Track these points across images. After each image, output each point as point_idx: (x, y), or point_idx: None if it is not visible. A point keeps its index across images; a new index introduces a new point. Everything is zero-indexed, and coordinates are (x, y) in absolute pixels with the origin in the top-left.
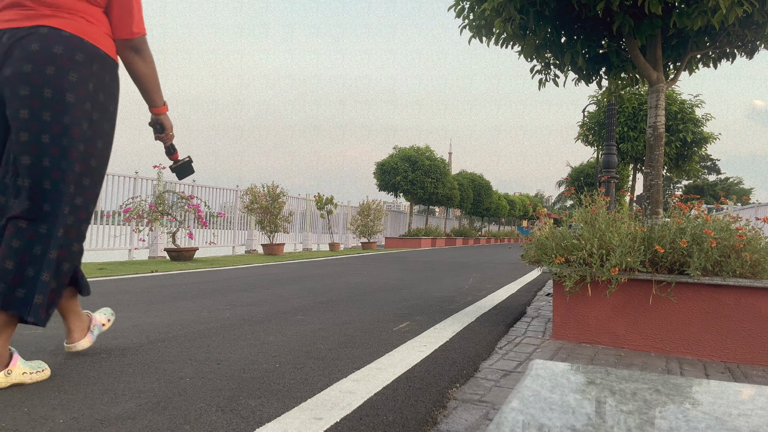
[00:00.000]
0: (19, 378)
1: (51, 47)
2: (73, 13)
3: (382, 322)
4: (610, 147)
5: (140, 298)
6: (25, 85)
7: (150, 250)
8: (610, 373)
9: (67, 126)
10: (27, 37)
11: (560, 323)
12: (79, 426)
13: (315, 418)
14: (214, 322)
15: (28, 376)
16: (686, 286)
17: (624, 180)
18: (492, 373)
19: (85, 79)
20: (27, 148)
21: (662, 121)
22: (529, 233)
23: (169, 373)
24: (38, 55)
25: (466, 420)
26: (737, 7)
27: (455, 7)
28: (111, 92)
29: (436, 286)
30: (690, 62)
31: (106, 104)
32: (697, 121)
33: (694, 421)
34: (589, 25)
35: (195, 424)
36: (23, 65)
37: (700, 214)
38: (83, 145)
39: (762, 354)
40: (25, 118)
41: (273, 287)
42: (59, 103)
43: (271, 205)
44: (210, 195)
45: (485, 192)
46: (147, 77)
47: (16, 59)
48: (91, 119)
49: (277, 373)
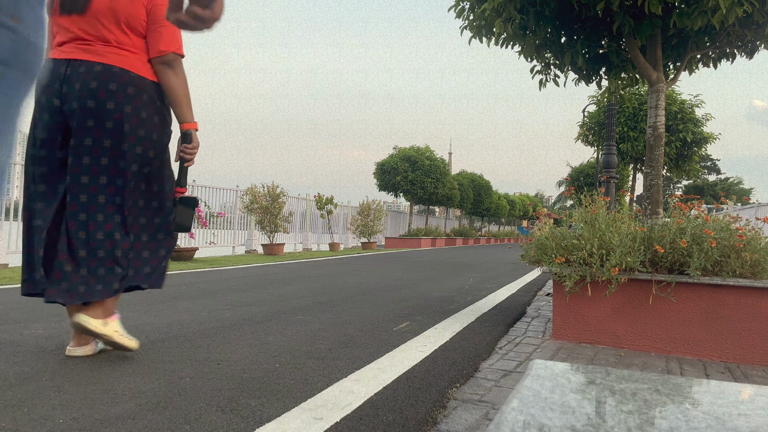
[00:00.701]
0: (111, 332)
1: (107, 84)
2: (122, 47)
3: (382, 322)
4: (610, 147)
5: (140, 298)
6: (90, 118)
7: None
8: (610, 373)
9: (124, 152)
10: (86, 74)
11: (560, 323)
12: (79, 426)
13: (315, 418)
14: (214, 322)
15: (118, 335)
16: (686, 286)
17: (624, 180)
18: (492, 373)
19: (138, 108)
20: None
21: (662, 121)
22: (529, 233)
23: (169, 373)
24: (98, 92)
25: (466, 420)
26: (737, 7)
27: (455, 7)
28: (162, 113)
29: (436, 286)
30: (690, 62)
31: (162, 125)
32: (697, 121)
33: (694, 421)
34: (589, 25)
35: (195, 424)
36: (87, 101)
37: (700, 214)
38: (136, 166)
39: (762, 354)
40: (88, 144)
41: (273, 287)
42: (118, 132)
43: (271, 205)
44: (210, 195)
45: (485, 192)
46: (177, 91)
47: (82, 95)
48: (150, 140)
49: (277, 373)
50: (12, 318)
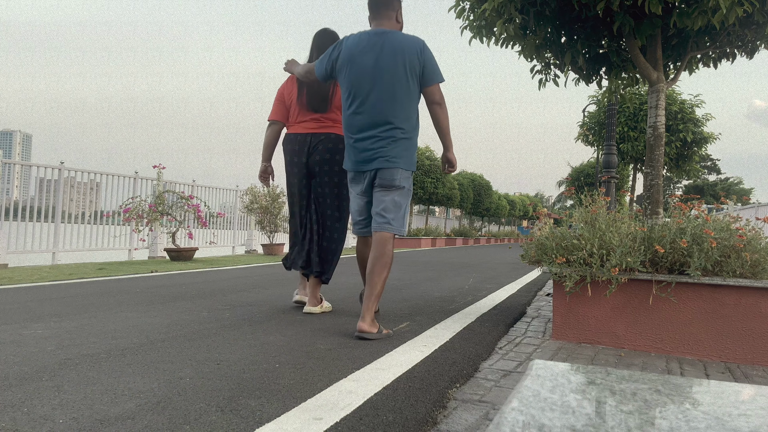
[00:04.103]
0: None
1: (339, 144)
2: (336, 122)
3: (382, 322)
4: (610, 147)
5: (140, 298)
6: (329, 164)
7: (150, 250)
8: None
9: (344, 184)
10: (324, 140)
11: (560, 323)
12: (79, 426)
13: (315, 419)
14: (214, 322)
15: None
16: (686, 286)
17: (624, 180)
18: (492, 373)
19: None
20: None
21: (662, 121)
22: (529, 233)
23: (169, 373)
24: (332, 150)
25: (466, 420)
26: (737, 7)
27: (455, 7)
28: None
29: (436, 286)
30: (690, 62)
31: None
32: (697, 121)
33: (694, 421)
34: (589, 25)
35: (195, 424)
36: (325, 155)
37: (700, 214)
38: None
39: (762, 354)
40: (324, 180)
41: (273, 287)
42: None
43: (271, 205)
44: (210, 195)
45: (485, 192)
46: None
47: (321, 151)
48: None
49: (277, 373)
50: (12, 318)
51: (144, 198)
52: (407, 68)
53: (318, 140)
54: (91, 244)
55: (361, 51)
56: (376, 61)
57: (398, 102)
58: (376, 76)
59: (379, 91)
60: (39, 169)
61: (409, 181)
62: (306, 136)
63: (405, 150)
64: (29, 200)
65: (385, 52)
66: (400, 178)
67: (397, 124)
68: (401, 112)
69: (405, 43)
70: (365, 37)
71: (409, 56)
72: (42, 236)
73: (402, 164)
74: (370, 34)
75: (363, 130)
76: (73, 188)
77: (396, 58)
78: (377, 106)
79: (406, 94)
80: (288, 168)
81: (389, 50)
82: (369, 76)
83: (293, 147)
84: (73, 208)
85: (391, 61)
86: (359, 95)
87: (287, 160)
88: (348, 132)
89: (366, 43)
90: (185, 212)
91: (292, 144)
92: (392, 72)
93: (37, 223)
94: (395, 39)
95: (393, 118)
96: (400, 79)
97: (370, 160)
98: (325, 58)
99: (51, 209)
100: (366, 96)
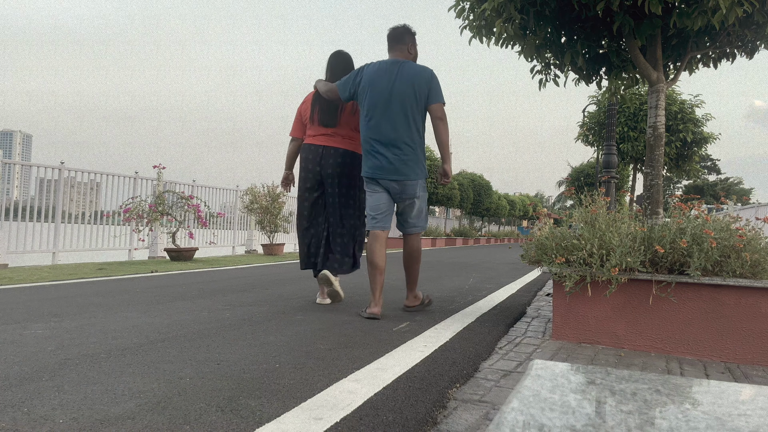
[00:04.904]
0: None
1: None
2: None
3: (382, 322)
4: (610, 147)
5: (140, 298)
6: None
7: (150, 250)
8: (610, 373)
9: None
10: (333, 153)
11: (560, 323)
12: (79, 426)
13: (315, 418)
14: (214, 322)
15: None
16: (686, 286)
17: (624, 180)
18: (492, 373)
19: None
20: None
21: (662, 121)
22: (529, 233)
23: (169, 373)
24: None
25: (466, 420)
26: (737, 7)
27: (455, 7)
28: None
29: (436, 286)
30: (690, 62)
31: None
32: (697, 121)
33: (694, 421)
34: (589, 25)
35: (195, 424)
36: (336, 169)
37: (700, 214)
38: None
39: (762, 354)
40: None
41: (273, 287)
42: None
43: (271, 205)
44: (210, 195)
45: (485, 192)
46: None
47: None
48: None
49: (277, 373)
50: (12, 318)
51: (144, 198)
52: (417, 92)
53: (329, 153)
54: (91, 244)
55: (379, 77)
56: (392, 85)
57: (409, 119)
58: (391, 98)
59: (394, 110)
60: (39, 169)
61: (425, 187)
62: (319, 148)
63: (417, 163)
64: (29, 200)
65: (399, 78)
66: (420, 188)
67: (407, 140)
68: (411, 127)
69: (416, 72)
70: (384, 65)
71: (419, 82)
72: (42, 236)
73: (420, 175)
74: (387, 63)
75: (380, 143)
76: (73, 188)
77: (408, 84)
78: (392, 123)
79: (416, 113)
80: (302, 173)
81: (403, 77)
82: (386, 98)
83: (308, 156)
84: (73, 208)
85: (404, 86)
86: (377, 113)
87: (302, 166)
88: (366, 144)
89: (384, 71)
90: (185, 212)
91: (308, 153)
92: (405, 95)
93: (37, 223)
94: (408, 68)
95: (404, 133)
96: (411, 101)
97: (387, 170)
98: (349, 81)
99: (51, 209)
100: (383, 114)
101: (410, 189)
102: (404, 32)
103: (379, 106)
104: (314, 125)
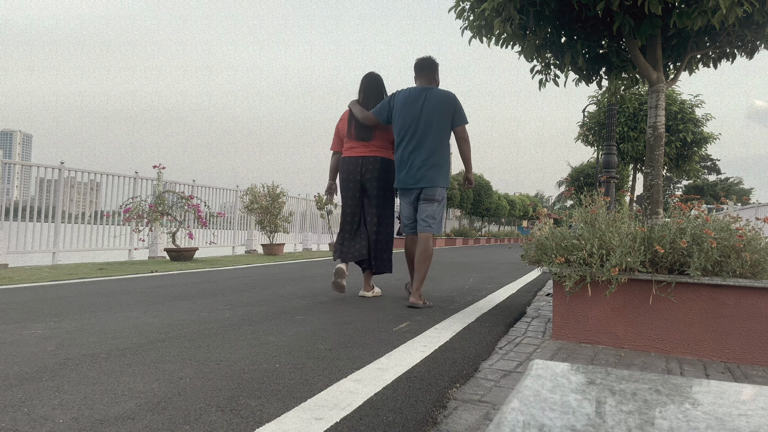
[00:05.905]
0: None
1: (385, 167)
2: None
3: (382, 322)
4: (610, 147)
5: (140, 298)
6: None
7: (150, 250)
8: (610, 373)
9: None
10: (372, 161)
11: (560, 323)
12: (79, 426)
13: (315, 418)
14: (214, 322)
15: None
16: (686, 286)
17: (624, 180)
18: (492, 373)
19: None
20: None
21: (662, 121)
22: (529, 233)
23: (169, 373)
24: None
25: (466, 420)
26: (737, 7)
27: (455, 8)
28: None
29: (436, 286)
30: (690, 62)
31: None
32: (697, 121)
33: (694, 421)
34: (589, 25)
35: (195, 424)
36: (375, 174)
37: (700, 214)
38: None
39: (762, 354)
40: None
41: (273, 287)
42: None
43: (271, 205)
44: (210, 195)
45: (485, 192)
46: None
47: (371, 171)
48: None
49: (277, 373)
50: (12, 318)
51: (144, 198)
52: (443, 114)
53: (368, 162)
54: (91, 244)
55: (411, 102)
56: (421, 109)
57: (437, 138)
58: (420, 120)
59: (423, 132)
60: (39, 169)
61: (444, 195)
62: (358, 159)
63: (442, 173)
64: (29, 200)
65: (427, 103)
66: (439, 193)
67: (435, 156)
68: (439, 146)
69: (442, 96)
70: (414, 91)
71: (445, 106)
72: (42, 236)
73: (440, 183)
74: (417, 89)
75: (412, 159)
76: (73, 188)
77: (435, 107)
78: (422, 142)
79: (442, 133)
80: (343, 184)
81: (430, 101)
82: (416, 120)
83: (349, 167)
84: (73, 208)
85: (432, 109)
86: (408, 134)
87: (343, 177)
88: (399, 161)
89: (414, 96)
90: (185, 212)
91: (348, 165)
92: (432, 117)
93: (37, 223)
94: (435, 93)
95: (433, 151)
96: (438, 122)
97: (417, 179)
98: (384, 107)
99: (51, 209)
100: (413, 134)
101: (430, 191)
102: (431, 63)
103: (411, 127)
104: (351, 140)
